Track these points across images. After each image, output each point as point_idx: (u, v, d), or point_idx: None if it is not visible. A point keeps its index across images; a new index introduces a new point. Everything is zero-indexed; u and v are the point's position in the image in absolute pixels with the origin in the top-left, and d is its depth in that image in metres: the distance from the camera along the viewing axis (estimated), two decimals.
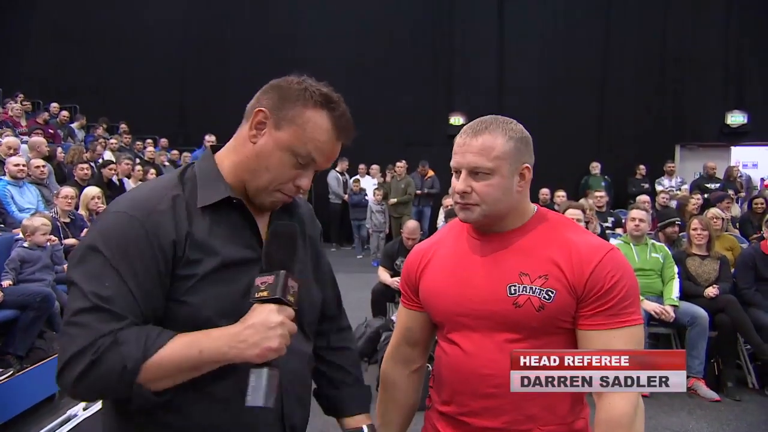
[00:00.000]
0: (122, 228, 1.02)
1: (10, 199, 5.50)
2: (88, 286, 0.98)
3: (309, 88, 1.13)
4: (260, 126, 1.12)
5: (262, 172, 1.12)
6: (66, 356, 0.97)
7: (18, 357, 3.91)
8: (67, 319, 0.99)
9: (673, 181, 9.77)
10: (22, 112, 9.89)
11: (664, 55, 11.22)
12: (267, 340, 1.00)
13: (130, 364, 0.96)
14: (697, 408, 3.99)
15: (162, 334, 1.01)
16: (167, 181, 1.13)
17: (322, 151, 1.13)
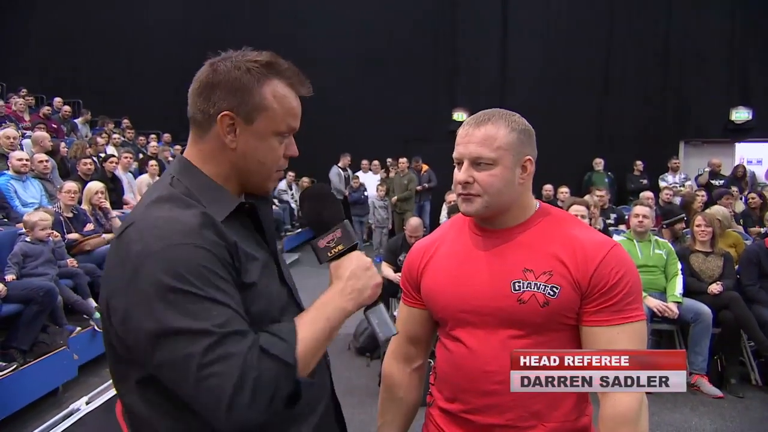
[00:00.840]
0: (186, 257, 0.93)
1: (14, 193, 5.50)
2: (198, 324, 0.91)
3: (249, 67, 1.05)
4: (230, 128, 1.05)
5: (257, 167, 1.09)
6: (227, 394, 0.90)
7: (21, 351, 3.92)
8: (198, 364, 0.90)
9: (677, 177, 9.74)
10: (25, 106, 9.90)
11: (669, 51, 11.17)
12: (371, 279, 1.11)
13: (289, 359, 0.98)
14: (700, 405, 3.98)
15: (285, 325, 1.03)
16: (180, 203, 1.02)
17: (296, 116, 1.11)
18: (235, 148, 1.07)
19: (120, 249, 0.97)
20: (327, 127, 11.74)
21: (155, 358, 0.92)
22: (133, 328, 0.93)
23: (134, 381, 0.99)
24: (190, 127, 1.10)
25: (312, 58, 11.92)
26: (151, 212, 1.00)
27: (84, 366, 4.35)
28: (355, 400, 3.94)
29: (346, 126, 11.83)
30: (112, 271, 0.98)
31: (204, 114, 1.06)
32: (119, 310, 0.95)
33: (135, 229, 0.97)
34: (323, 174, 11.07)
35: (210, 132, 1.07)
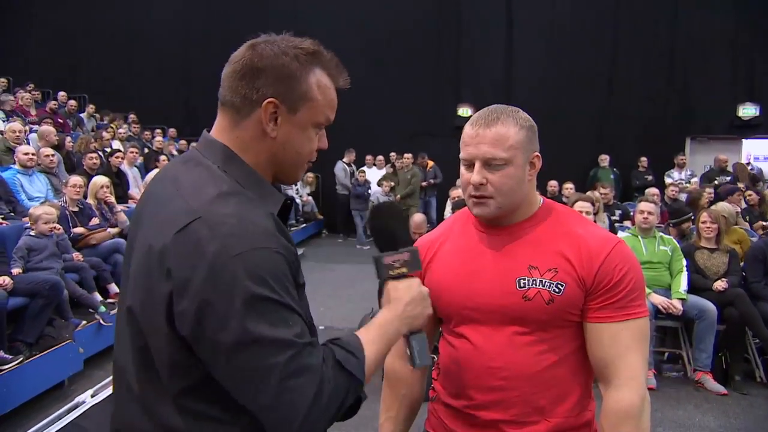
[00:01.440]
0: (267, 263, 0.91)
1: (20, 187, 5.53)
2: (282, 334, 0.90)
3: (297, 54, 1.02)
4: (273, 117, 1.01)
5: (294, 157, 1.06)
6: (306, 406, 0.90)
7: (27, 344, 3.95)
8: (281, 375, 0.89)
9: (683, 173, 9.68)
10: (31, 101, 9.94)
11: (675, 46, 11.09)
12: (426, 308, 1.16)
13: (360, 376, 0.99)
14: (704, 401, 3.98)
15: (351, 339, 1.04)
16: (245, 199, 0.97)
17: (335, 108, 1.10)
18: (275, 137, 1.02)
19: (187, 244, 0.90)
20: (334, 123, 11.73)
21: (232, 365, 0.89)
22: (211, 332, 0.88)
23: (178, 389, 0.94)
24: (222, 111, 1.05)
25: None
26: (218, 208, 0.93)
27: (90, 359, 4.38)
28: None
29: (351, 121, 11.76)
30: (171, 271, 0.90)
31: (245, 99, 1.00)
32: (189, 312, 0.89)
33: (204, 224, 0.90)
34: (328, 169, 11.09)
35: (249, 118, 1.01)
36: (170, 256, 0.91)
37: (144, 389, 0.98)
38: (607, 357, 1.24)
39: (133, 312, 0.97)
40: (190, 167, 1.02)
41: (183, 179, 1.00)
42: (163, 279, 0.91)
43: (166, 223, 0.93)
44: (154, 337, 0.94)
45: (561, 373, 1.26)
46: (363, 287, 6.57)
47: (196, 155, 1.04)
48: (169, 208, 0.96)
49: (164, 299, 0.91)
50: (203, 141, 1.06)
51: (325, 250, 10.00)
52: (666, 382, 4.31)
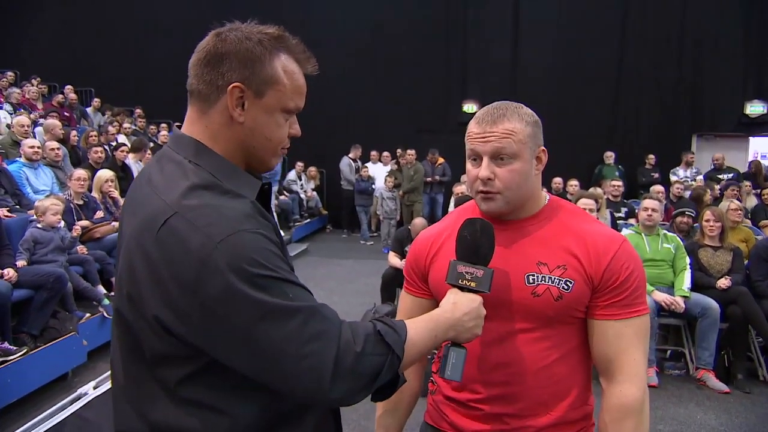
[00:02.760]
0: (254, 243, 0.91)
1: (26, 180, 5.57)
2: (287, 303, 0.91)
3: (261, 38, 1.01)
4: (239, 102, 1.00)
5: (264, 143, 1.05)
6: (328, 371, 0.91)
7: (32, 336, 3.98)
8: (297, 342, 0.90)
9: (689, 171, 9.63)
10: (38, 94, 9.99)
11: (682, 44, 11.01)
12: (478, 327, 1.18)
13: (398, 351, 1.00)
14: (706, 399, 3.97)
15: (399, 321, 1.06)
16: (218, 190, 0.97)
17: (303, 94, 1.08)
18: (243, 122, 1.01)
19: (170, 242, 0.90)
20: (337, 119, 11.73)
21: (247, 347, 0.89)
22: (218, 322, 0.88)
23: (173, 382, 0.94)
24: (191, 103, 1.05)
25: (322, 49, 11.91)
26: (191, 201, 0.93)
27: (93, 351, 4.41)
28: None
29: (356, 117, 11.82)
30: (161, 273, 0.90)
31: (211, 86, 1.00)
32: (190, 308, 0.89)
33: (181, 219, 0.90)
34: (333, 164, 11.09)
35: (216, 105, 1.01)
36: (156, 256, 0.91)
37: (135, 389, 0.99)
38: (611, 353, 1.26)
39: (122, 313, 0.98)
40: (163, 164, 1.02)
41: (156, 178, 1.00)
42: (153, 280, 0.91)
43: (146, 223, 0.94)
44: (145, 335, 0.94)
45: (564, 368, 1.28)
46: (366, 282, 6.59)
47: (167, 152, 1.04)
48: (147, 208, 0.96)
49: (158, 300, 0.91)
50: (173, 137, 1.07)
51: (329, 246, 10.01)
52: (668, 379, 4.30)
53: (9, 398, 3.55)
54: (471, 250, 1.22)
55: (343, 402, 0.96)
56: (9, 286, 3.81)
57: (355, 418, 3.56)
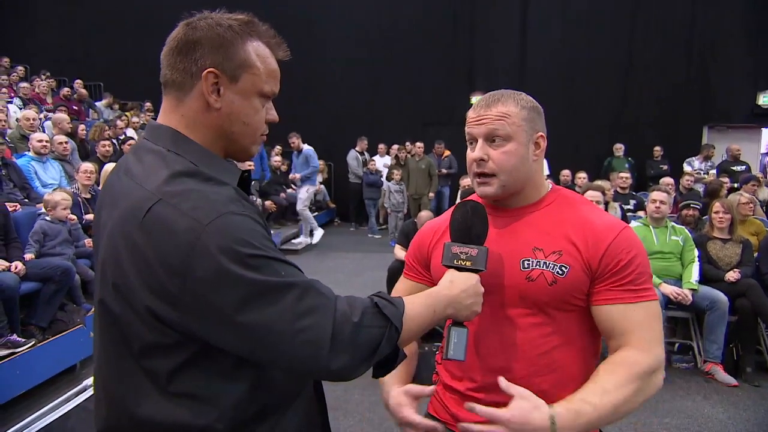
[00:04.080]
0: (241, 224, 0.92)
1: (34, 174, 5.61)
2: (279, 279, 0.91)
3: (231, 24, 1.02)
4: (214, 87, 1.00)
5: (242, 128, 1.04)
6: (326, 344, 0.92)
7: (40, 328, 4.03)
8: (291, 317, 0.90)
9: (704, 164, 9.49)
10: (48, 89, 10.06)
11: (693, 33, 10.87)
12: (476, 305, 1.18)
13: (397, 323, 1.01)
14: (714, 393, 3.94)
15: (396, 296, 1.07)
16: (200, 176, 0.97)
17: (277, 79, 1.08)
18: (219, 108, 1.01)
19: (156, 228, 0.89)
20: (344, 112, 11.71)
21: (243, 327, 0.89)
22: (211, 304, 0.88)
23: (164, 372, 0.93)
24: (166, 94, 1.04)
25: (328, 42, 11.89)
26: (175, 187, 0.93)
27: None
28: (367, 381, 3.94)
29: (363, 110, 11.80)
30: (149, 260, 0.89)
31: (185, 74, 1.00)
32: (182, 293, 0.88)
33: (166, 205, 0.90)
34: (341, 158, 11.08)
35: (191, 93, 1.01)
36: (142, 243, 0.90)
37: (122, 384, 0.97)
38: (617, 334, 1.23)
39: (107, 305, 0.97)
40: (141, 156, 1.01)
41: (135, 168, 0.99)
42: (140, 268, 0.90)
43: (129, 212, 0.93)
44: (134, 327, 0.93)
45: (564, 357, 1.26)
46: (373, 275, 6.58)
47: (143, 143, 1.04)
48: (129, 198, 0.95)
49: (147, 288, 0.90)
50: (149, 128, 1.06)
51: (337, 239, 10.02)
52: (676, 373, 4.27)
53: (18, 390, 3.59)
54: (463, 231, 1.24)
55: (343, 374, 0.96)
56: (17, 279, 3.85)
57: (360, 411, 3.57)
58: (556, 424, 1.11)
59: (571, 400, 1.16)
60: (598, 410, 1.15)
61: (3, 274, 3.81)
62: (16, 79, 10.08)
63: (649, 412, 3.62)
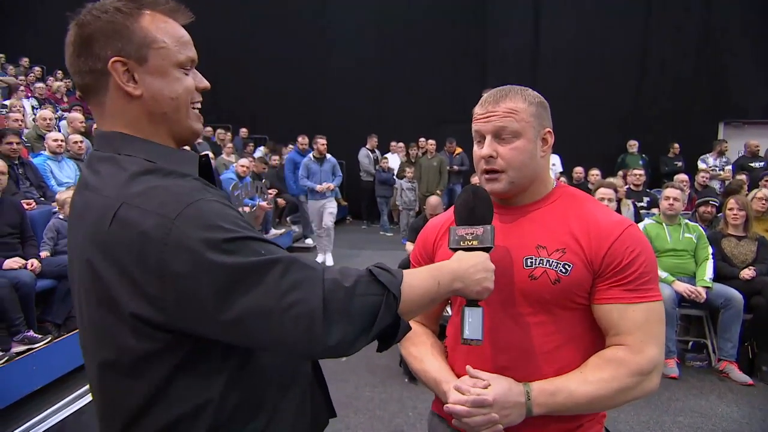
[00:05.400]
0: (210, 210, 0.89)
1: (50, 173, 5.69)
2: (259, 257, 0.88)
3: (117, 6, 0.96)
4: (128, 75, 0.96)
5: (171, 105, 0.99)
6: (318, 317, 0.88)
7: (56, 325, 4.09)
8: (276, 294, 0.87)
9: (718, 160, 9.37)
10: (63, 88, 10.19)
11: (708, 27, 10.70)
12: (487, 281, 1.14)
13: (394, 291, 0.97)
14: (729, 392, 3.90)
15: (395, 268, 1.03)
16: (159, 173, 0.95)
17: (187, 43, 1.02)
18: (141, 94, 0.96)
19: (125, 233, 0.86)
20: (355, 110, 11.72)
21: (230, 315, 0.86)
22: (195, 297, 0.85)
23: (156, 383, 0.92)
24: (88, 102, 1.01)
25: (340, 39, 11.90)
26: (136, 187, 0.90)
27: None
28: (377, 379, 3.99)
29: (374, 107, 11.80)
30: (125, 265, 0.86)
31: (93, 74, 0.96)
32: (163, 291, 0.86)
33: (130, 207, 0.87)
34: (353, 155, 11.09)
35: (109, 90, 0.97)
36: (114, 251, 0.88)
37: (112, 401, 0.97)
38: (615, 330, 1.22)
39: (95, 322, 0.94)
40: (95, 166, 0.98)
41: (92, 180, 0.96)
42: (118, 276, 0.88)
43: (96, 224, 0.90)
44: (122, 339, 0.91)
45: (568, 355, 1.25)
46: None
47: (94, 154, 1.01)
48: (93, 210, 0.92)
49: (129, 295, 0.88)
50: (96, 138, 1.03)
51: (349, 237, 10.04)
52: (689, 371, 4.23)
53: (34, 385, 3.65)
54: (467, 213, 1.24)
55: (342, 348, 0.92)
56: (33, 276, 3.91)
57: (370, 408, 3.58)
58: (532, 400, 1.18)
59: (549, 381, 1.20)
60: (574, 397, 1.18)
61: (20, 271, 3.87)
62: (32, 79, 10.23)
63: (662, 410, 3.60)
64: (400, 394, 3.76)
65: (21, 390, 3.53)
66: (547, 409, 1.19)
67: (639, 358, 1.19)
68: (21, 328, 3.75)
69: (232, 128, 11.47)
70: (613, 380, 1.19)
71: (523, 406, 1.17)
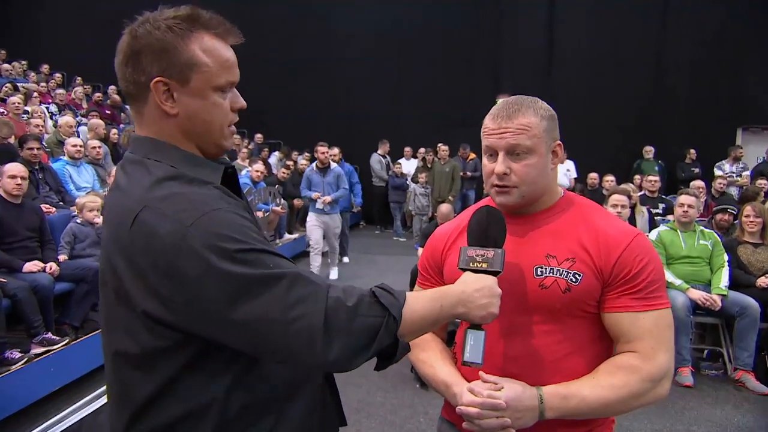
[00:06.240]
0: (224, 220, 0.93)
1: (69, 178, 5.79)
2: (266, 270, 0.92)
3: (170, 25, 0.99)
4: (167, 94, 1.00)
5: (207, 127, 1.04)
6: (318, 333, 0.91)
7: (73, 327, 4.16)
8: (281, 308, 0.90)
9: (735, 166, 9.26)
10: (83, 94, 10.37)
11: (726, 30, 10.57)
12: (492, 306, 1.14)
13: (395, 313, 0.99)
14: (744, 401, 3.85)
15: (398, 289, 1.04)
16: (183, 179, 0.99)
17: (231, 67, 1.06)
18: (176, 113, 1.01)
19: (143, 235, 0.92)
20: (368, 115, 11.76)
21: (236, 323, 0.90)
22: (202, 302, 0.90)
23: (166, 379, 0.96)
24: (129, 104, 1.06)
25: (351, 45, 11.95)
26: (158, 192, 0.95)
27: None
28: (389, 384, 4.00)
29: (387, 113, 11.82)
30: (140, 265, 0.92)
31: (136, 85, 1.01)
32: (175, 295, 0.90)
33: (151, 211, 0.93)
34: (367, 161, 11.13)
35: (148, 102, 1.02)
36: (132, 250, 0.93)
37: (122, 386, 1.01)
38: (625, 337, 1.24)
39: (111, 313, 1.00)
40: (126, 168, 1.04)
41: (122, 181, 1.03)
42: (134, 274, 0.93)
43: (119, 223, 0.96)
44: (136, 332, 0.96)
45: (578, 363, 1.26)
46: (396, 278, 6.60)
47: (128, 156, 1.06)
48: (119, 209, 0.98)
49: (142, 293, 0.93)
50: (131, 141, 1.08)
51: (362, 242, 10.07)
52: (704, 380, 4.18)
53: (52, 386, 3.71)
54: (480, 234, 1.24)
55: (341, 363, 0.95)
56: (52, 279, 3.99)
57: (381, 413, 3.59)
58: (544, 403, 1.19)
59: (562, 386, 1.21)
60: (586, 402, 1.20)
61: (39, 274, 3.95)
62: (53, 85, 10.43)
63: (676, 419, 3.56)
64: (411, 400, 3.77)
65: (39, 391, 3.60)
66: (559, 412, 1.20)
67: (650, 365, 1.21)
68: (40, 330, 3.82)
69: (246, 133, 11.57)
70: (625, 386, 1.20)
71: (536, 410, 1.19)
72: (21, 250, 4.08)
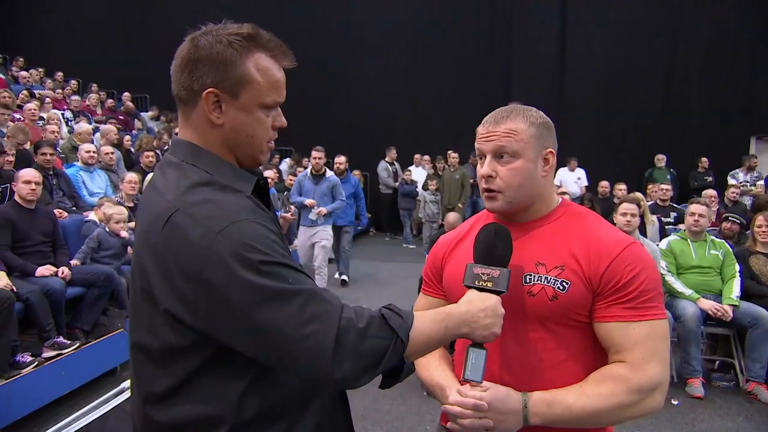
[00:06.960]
0: (251, 231, 0.96)
1: (82, 183, 5.87)
2: (286, 285, 0.95)
3: (231, 40, 1.04)
4: (216, 105, 1.05)
5: (247, 141, 1.09)
6: (328, 351, 0.94)
7: (84, 331, 4.21)
8: (296, 323, 0.94)
9: (749, 175, 9.16)
10: (97, 101, 10.51)
11: (739, 38, 10.51)
12: (495, 326, 1.17)
13: (402, 335, 1.03)
14: (756, 414, 3.79)
15: (406, 309, 1.08)
16: (217, 186, 1.03)
17: (280, 89, 1.11)
18: (222, 124, 1.06)
19: (174, 236, 0.96)
20: (378, 122, 11.80)
21: (249, 331, 0.94)
22: (221, 307, 0.94)
23: (183, 377, 1.00)
24: (178, 108, 1.10)
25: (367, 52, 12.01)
26: (192, 197, 0.99)
27: None
28: (396, 392, 3.99)
29: (398, 120, 11.86)
30: (168, 266, 0.96)
31: (189, 91, 1.05)
32: (195, 296, 0.94)
33: (183, 214, 0.97)
34: (372, 168, 11.16)
35: (197, 109, 1.06)
36: (162, 251, 0.97)
37: (143, 383, 1.05)
38: (616, 347, 1.22)
39: (137, 308, 1.05)
40: (164, 169, 1.09)
41: (159, 182, 1.07)
42: (161, 274, 0.97)
43: (152, 223, 1.01)
44: (160, 329, 1.00)
45: (571, 372, 1.26)
46: (405, 285, 6.60)
47: (167, 158, 1.11)
48: (152, 209, 1.03)
49: (167, 293, 0.97)
50: (172, 143, 1.13)
51: (371, 249, 10.08)
52: (715, 391, 4.13)
53: (63, 390, 3.74)
54: (486, 252, 1.25)
55: (348, 382, 0.98)
56: (63, 284, 4.04)
57: (389, 420, 3.59)
58: (528, 408, 1.19)
59: (548, 392, 1.21)
60: (571, 410, 1.19)
61: (51, 278, 4.00)
62: (69, 92, 10.58)
63: (686, 431, 3.52)
64: (418, 408, 3.76)
65: (50, 394, 3.63)
66: (544, 419, 1.19)
67: (639, 377, 1.19)
68: (51, 334, 3.87)
69: None
70: (612, 396, 1.19)
71: (520, 414, 1.19)
72: (34, 254, 4.14)
